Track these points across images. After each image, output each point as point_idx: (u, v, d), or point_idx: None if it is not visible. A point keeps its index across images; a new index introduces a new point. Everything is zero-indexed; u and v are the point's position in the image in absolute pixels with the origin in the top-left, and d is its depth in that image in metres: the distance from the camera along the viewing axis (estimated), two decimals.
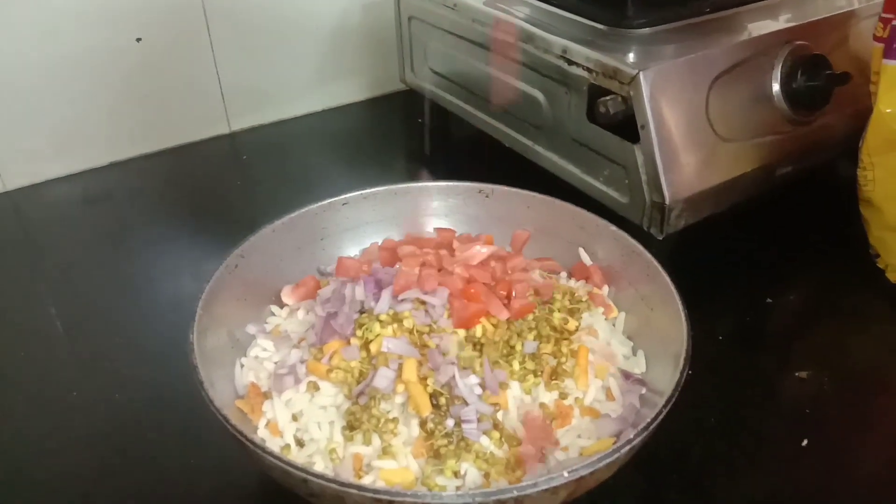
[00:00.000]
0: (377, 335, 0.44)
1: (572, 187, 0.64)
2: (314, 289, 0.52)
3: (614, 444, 0.37)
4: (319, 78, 0.90)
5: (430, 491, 0.39)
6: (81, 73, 0.76)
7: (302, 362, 0.45)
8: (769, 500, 0.44)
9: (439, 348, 0.44)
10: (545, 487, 0.35)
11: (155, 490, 0.46)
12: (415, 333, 0.45)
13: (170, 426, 0.49)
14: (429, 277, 0.47)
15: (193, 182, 0.80)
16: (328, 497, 0.36)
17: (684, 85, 0.57)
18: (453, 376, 0.42)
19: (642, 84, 0.54)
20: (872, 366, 0.54)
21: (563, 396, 0.44)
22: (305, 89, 0.90)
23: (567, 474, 0.35)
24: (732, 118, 0.59)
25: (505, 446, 0.42)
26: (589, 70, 0.59)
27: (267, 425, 0.43)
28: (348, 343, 0.45)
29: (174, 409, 0.50)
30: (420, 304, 0.46)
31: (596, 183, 0.62)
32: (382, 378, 0.42)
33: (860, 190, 0.60)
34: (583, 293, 0.51)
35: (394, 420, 0.42)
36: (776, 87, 0.60)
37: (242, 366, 0.47)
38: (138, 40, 0.77)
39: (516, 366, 0.44)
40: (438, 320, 0.46)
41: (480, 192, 0.58)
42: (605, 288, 0.53)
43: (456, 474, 0.40)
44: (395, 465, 0.40)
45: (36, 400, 0.53)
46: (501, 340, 0.45)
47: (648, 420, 0.38)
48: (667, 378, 0.42)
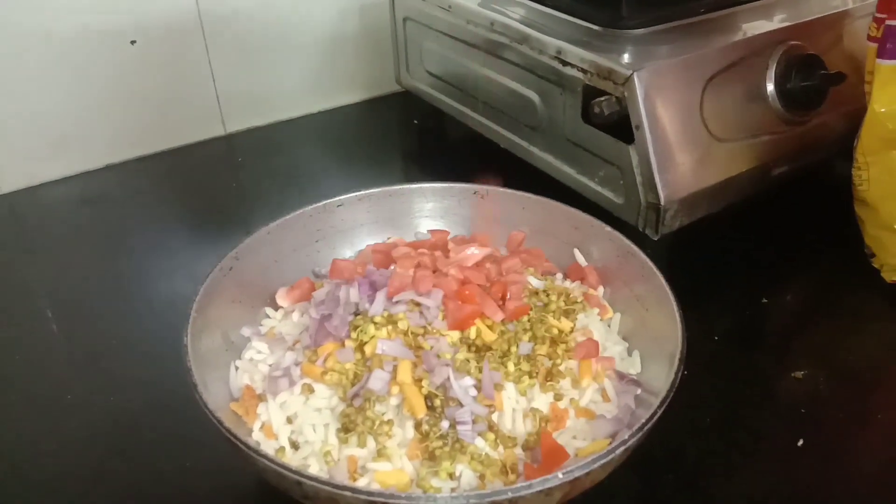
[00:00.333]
0: (372, 337, 0.44)
1: (567, 188, 0.64)
2: (309, 291, 0.52)
3: (609, 445, 0.37)
4: (315, 80, 0.90)
5: (425, 493, 0.39)
6: (77, 76, 0.76)
7: (297, 364, 0.45)
8: (765, 500, 0.44)
9: (434, 350, 0.44)
10: (540, 489, 0.35)
11: (151, 492, 0.46)
12: (409, 335, 0.45)
13: (165, 428, 0.49)
14: (423, 279, 0.47)
15: (189, 184, 0.80)
16: (323, 499, 0.36)
17: (679, 85, 0.57)
18: (448, 378, 0.42)
19: (636, 84, 0.55)
20: (868, 365, 0.54)
21: (559, 398, 0.44)
22: (301, 91, 0.90)
23: (562, 475, 0.35)
24: (727, 118, 0.59)
25: (500, 448, 0.42)
26: (583, 71, 0.59)
27: (262, 428, 0.43)
28: (343, 345, 0.45)
29: (170, 411, 0.50)
30: (415, 306, 0.46)
31: (591, 184, 0.62)
32: (377, 380, 0.42)
33: (855, 189, 0.60)
34: (578, 294, 0.51)
35: (389, 422, 0.42)
36: (771, 87, 0.61)
37: (237, 368, 0.47)
38: (133, 43, 0.77)
39: (511, 367, 0.44)
40: (433, 322, 0.46)
41: (475, 194, 0.58)
42: (601, 289, 0.53)
43: (451, 476, 0.40)
44: (390, 467, 0.40)
45: (32, 401, 0.53)
46: (497, 345, 0.45)
47: (643, 421, 0.38)
48: (662, 378, 0.42)
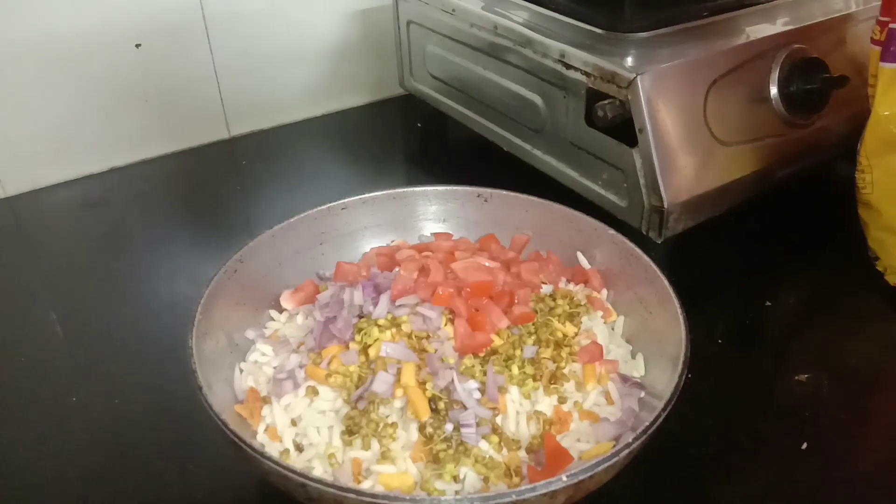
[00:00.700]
0: (376, 340, 0.45)
1: (571, 191, 0.64)
2: (313, 293, 0.52)
3: (613, 449, 0.37)
4: (318, 83, 0.90)
5: (429, 495, 0.39)
6: (81, 79, 0.76)
7: (301, 367, 0.45)
8: (768, 502, 0.44)
9: (438, 353, 0.44)
10: (544, 491, 0.35)
11: (153, 494, 0.46)
12: (413, 338, 0.45)
13: (169, 430, 0.49)
14: (425, 285, 0.47)
15: (193, 187, 0.80)
16: (327, 502, 0.36)
17: (682, 88, 0.57)
18: (452, 381, 0.42)
19: (640, 88, 0.55)
20: (872, 368, 0.54)
21: (562, 401, 0.44)
22: (305, 94, 0.90)
23: (566, 478, 0.35)
24: (730, 121, 0.59)
25: (504, 450, 0.42)
26: (587, 74, 0.59)
27: (266, 430, 0.43)
28: (347, 348, 0.45)
29: (173, 414, 0.50)
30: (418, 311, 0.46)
31: (594, 187, 0.62)
32: (381, 382, 0.43)
33: (858, 192, 0.60)
34: (581, 297, 0.51)
35: (393, 424, 0.42)
36: (774, 91, 0.61)
37: (241, 370, 0.47)
38: (138, 46, 0.78)
39: (515, 370, 0.44)
40: (436, 331, 0.46)
41: (479, 197, 0.58)
42: (604, 291, 0.53)
43: (455, 479, 0.40)
44: (394, 470, 0.40)
45: (35, 404, 0.53)
46: (501, 348, 0.45)
47: (647, 424, 0.38)
48: (665, 381, 0.42)
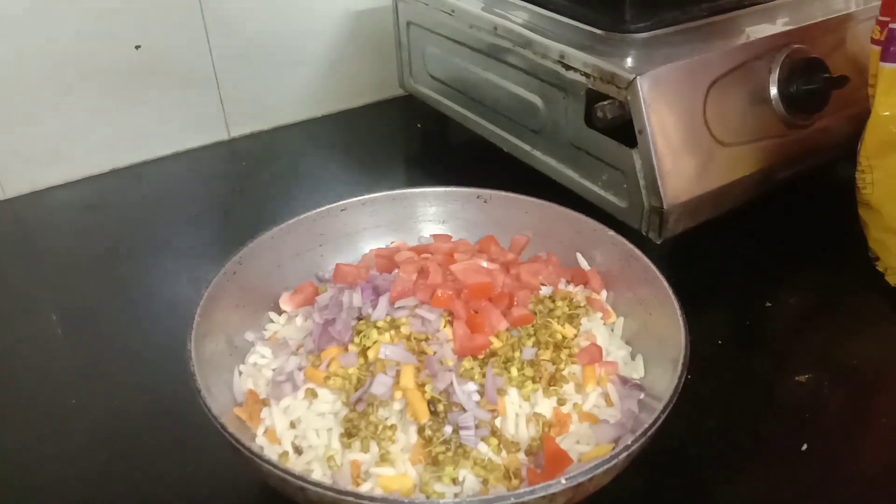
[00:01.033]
0: (375, 342, 0.45)
1: (570, 192, 0.64)
2: (312, 295, 0.52)
3: (612, 451, 0.37)
4: (318, 84, 0.90)
5: (428, 498, 0.39)
6: (81, 81, 0.76)
7: (300, 369, 0.45)
8: (768, 503, 0.44)
9: (437, 355, 0.44)
10: (543, 494, 0.35)
11: (153, 496, 0.46)
12: (412, 340, 0.45)
13: (168, 433, 0.49)
14: (425, 287, 0.47)
15: (192, 189, 0.80)
16: None
17: (682, 89, 0.57)
18: (451, 383, 0.42)
19: (639, 88, 0.54)
20: (872, 369, 0.54)
21: (562, 403, 0.44)
22: (304, 95, 0.90)
23: (565, 481, 0.35)
24: (730, 122, 0.59)
25: (503, 453, 0.41)
26: (586, 75, 0.59)
27: (265, 433, 0.43)
28: (346, 350, 0.45)
29: (173, 416, 0.50)
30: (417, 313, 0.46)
31: (594, 188, 0.62)
32: (380, 385, 0.42)
33: (859, 193, 0.60)
34: (581, 298, 0.51)
35: (392, 427, 0.42)
36: (774, 91, 0.60)
37: (241, 373, 0.47)
38: (137, 47, 0.78)
39: (514, 372, 0.44)
40: (435, 333, 0.46)
41: (479, 198, 0.58)
42: (604, 293, 0.53)
43: (454, 481, 0.40)
44: (394, 472, 0.40)
45: (34, 406, 0.53)
46: (501, 350, 0.45)
47: (647, 425, 0.38)
48: (665, 382, 0.41)
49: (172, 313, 0.59)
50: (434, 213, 0.58)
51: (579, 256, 0.55)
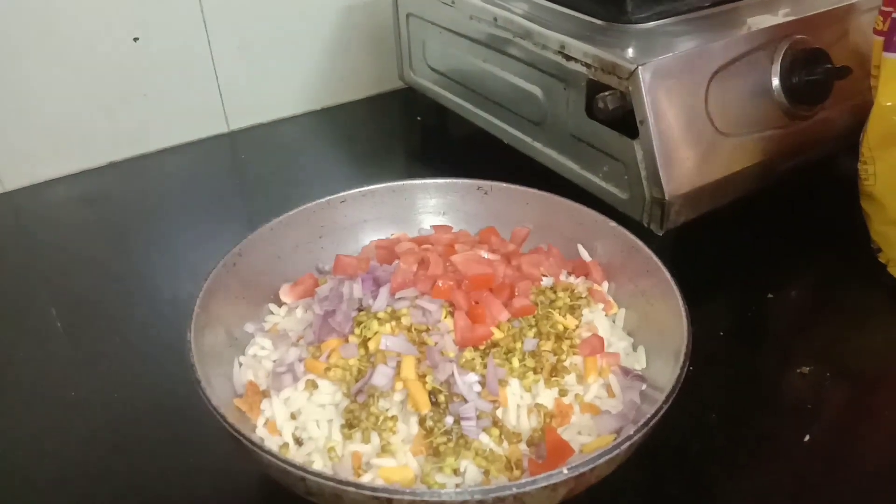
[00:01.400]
0: (375, 333, 0.44)
1: (571, 184, 0.64)
2: (313, 287, 0.52)
3: (614, 441, 0.37)
4: (318, 77, 0.90)
5: (430, 489, 0.39)
6: (79, 73, 0.76)
7: (300, 360, 0.45)
8: (770, 496, 0.44)
9: (438, 346, 0.44)
10: (545, 484, 0.35)
11: (154, 489, 0.46)
12: (413, 331, 0.45)
13: (169, 425, 0.49)
14: (425, 278, 0.47)
15: (192, 182, 0.79)
16: (326, 496, 0.36)
17: (683, 80, 0.56)
18: (452, 374, 0.42)
19: (641, 79, 0.54)
20: (874, 361, 0.54)
21: (563, 393, 0.44)
22: (304, 88, 0.90)
23: (567, 471, 0.35)
24: (732, 113, 0.58)
25: (505, 444, 0.41)
26: (587, 65, 0.59)
27: (265, 424, 0.43)
28: (346, 341, 0.45)
29: (173, 408, 0.50)
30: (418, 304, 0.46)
31: (595, 179, 0.62)
32: (381, 376, 0.42)
33: (861, 184, 0.60)
34: (582, 290, 0.51)
35: (393, 418, 0.42)
36: (776, 82, 0.60)
37: (241, 364, 0.47)
38: (136, 40, 0.77)
39: (516, 363, 0.44)
40: (436, 324, 0.45)
41: (479, 189, 0.57)
42: (605, 284, 0.53)
43: (455, 472, 0.40)
44: (395, 463, 0.40)
45: (35, 399, 0.53)
46: (502, 341, 0.45)
47: (648, 416, 0.38)
48: (667, 374, 0.41)
49: (172, 306, 0.59)
50: (434, 205, 0.58)
51: (580, 248, 0.54)
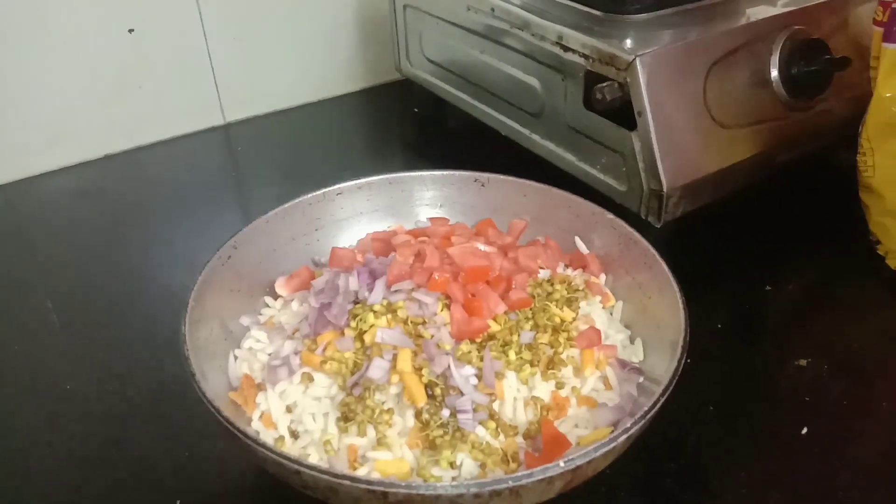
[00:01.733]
0: (371, 326, 0.44)
1: (569, 175, 0.64)
2: (308, 280, 0.51)
3: (611, 434, 0.36)
4: (314, 68, 0.90)
5: (426, 482, 0.38)
6: (74, 65, 0.75)
7: (296, 353, 0.45)
8: (768, 489, 0.44)
9: (434, 339, 0.44)
10: (541, 477, 0.34)
11: (149, 482, 0.45)
12: (409, 324, 0.44)
13: (164, 418, 0.49)
14: (421, 271, 0.46)
15: (187, 174, 0.79)
16: (321, 489, 0.35)
17: (681, 71, 0.56)
18: (449, 367, 0.42)
19: (639, 70, 0.54)
20: (872, 353, 0.54)
21: (560, 386, 0.44)
22: (300, 80, 0.89)
23: (563, 464, 0.35)
24: (730, 104, 0.58)
25: (501, 436, 0.41)
26: (585, 56, 0.58)
27: (261, 417, 0.43)
28: (342, 334, 0.45)
29: (168, 401, 0.50)
30: (414, 298, 0.46)
31: (593, 171, 0.62)
32: (377, 369, 0.42)
33: (860, 176, 0.60)
34: (580, 282, 0.51)
35: (389, 411, 0.41)
36: (774, 73, 0.60)
37: (236, 357, 0.47)
38: (131, 31, 0.77)
39: (513, 356, 0.44)
40: (432, 317, 0.45)
41: (476, 181, 0.57)
42: (603, 276, 0.52)
43: (452, 465, 0.39)
44: (391, 457, 0.40)
45: (30, 392, 0.52)
46: (499, 334, 0.45)
47: (646, 409, 0.37)
48: (664, 367, 0.41)
49: (168, 299, 0.59)
50: (431, 197, 0.58)
51: (578, 240, 0.54)
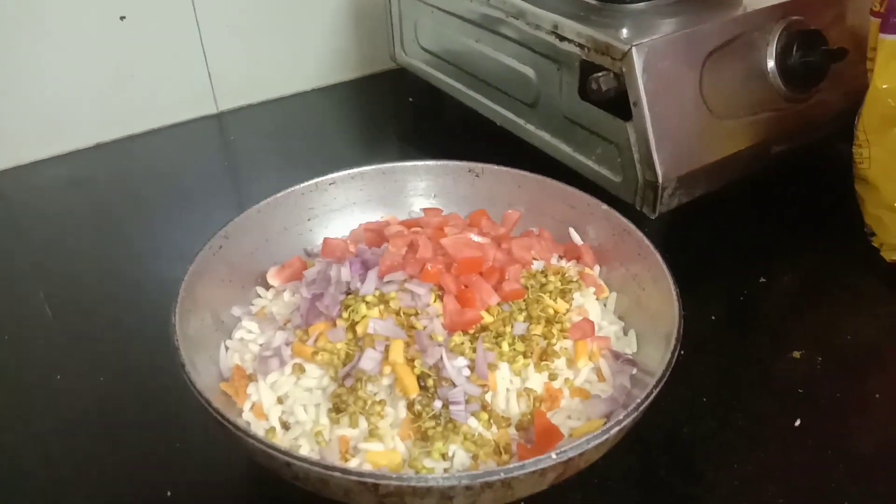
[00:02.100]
0: (363, 316, 0.44)
1: (564, 166, 0.63)
2: (300, 270, 0.51)
3: (604, 426, 0.36)
4: (308, 57, 0.89)
5: (417, 473, 0.38)
6: (65, 53, 0.74)
7: (287, 344, 0.45)
8: (761, 481, 0.44)
9: (427, 330, 0.44)
10: (533, 469, 0.34)
11: (140, 473, 0.45)
12: (402, 315, 0.44)
13: (155, 409, 0.49)
14: (414, 262, 0.46)
15: (180, 163, 0.78)
16: (312, 481, 0.35)
17: (678, 61, 0.56)
18: (441, 358, 0.42)
19: (635, 60, 0.53)
20: (867, 345, 0.54)
21: (553, 378, 0.44)
22: (294, 69, 0.89)
23: (555, 456, 0.35)
24: (726, 95, 0.58)
25: (494, 428, 0.41)
26: (580, 46, 0.58)
27: (252, 408, 0.43)
28: (334, 325, 0.45)
29: (159, 393, 0.49)
30: (407, 289, 0.46)
31: (588, 162, 0.61)
32: (369, 360, 0.42)
33: (856, 168, 0.59)
34: (574, 273, 0.51)
35: (380, 402, 0.41)
36: (771, 64, 0.59)
37: (227, 348, 0.46)
38: (122, 19, 0.76)
39: (506, 347, 0.44)
40: (425, 308, 0.45)
41: (470, 172, 0.57)
42: (597, 268, 0.52)
43: (444, 456, 0.39)
44: (382, 448, 0.40)
45: (20, 383, 0.52)
46: (492, 325, 0.44)
47: (639, 401, 0.37)
48: (658, 358, 0.41)
49: (159, 289, 0.58)
50: (425, 188, 0.57)
51: (572, 231, 0.54)
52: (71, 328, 0.57)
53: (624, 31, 0.57)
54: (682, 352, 0.40)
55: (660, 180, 0.55)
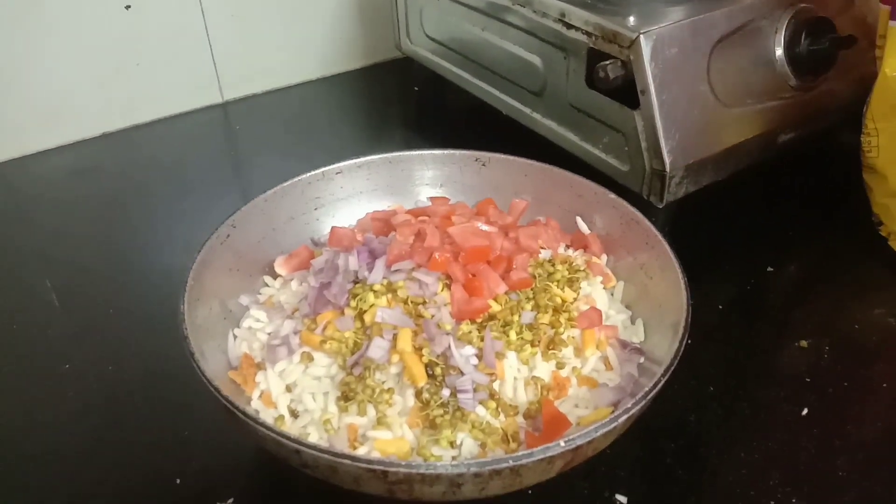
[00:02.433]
0: (371, 305, 0.44)
1: (571, 155, 0.63)
2: (308, 259, 0.51)
3: (612, 414, 0.36)
4: (313, 46, 0.89)
5: (426, 461, 0.38)
6: (70, 42, 0.74)
7: (295, 333, 0.45)
8: (768, 469, 0.44)
9: (435, 319, 0.44)
10: (541, 457, 0.34)
11: (148, 462, 0.45)
12: (409, 304, 0.44)
13: (163, 398, 0.49)
14: (422, 250, 0.46)
15: (185, 152, 0.78)
16: (321, 468, 0.35)
17: (685, 49, 0.55)
18: (449, 346, 0.42)
19: (642, 47, 0.53)
20: (873, 334, 0.54)
21: (561, 366, 0.44)
22: (299, 58, 0.88)
23: (563, 444, 0.35)
24: (734, 83, 0.57)
25: (501, 416, 0.41)
26: (588, 34, 0.57)
27: (261, 396, 0.43)
28: (342, 313, 0.45)
29: (167, 381, 0.49)
30: (415, 278, 0.46)
31: (595, 150, 0.61)
32: (377, 348, 0.42)
33: (864, 156, 0.59)
34: (581, 262, 0.50)
35: (389, 390, 0.41)
36: (779, 51, 0.59)
37: (235, 337, 0.46)
38: (127, 7, 0.76)
39: (513, 336, 0.44)
40: (433, 297, 0.45)
41: (477, 161, 0.56)
42: (604, 257, 0.52)
43: (452, 444, 0.39)
44: (391, 436, 0.40)
45: (28, 372, 0.52)
46: (500, 314, 0.44)
47: (646, 389, 0.37)
48: (665, 347, 0.41)
49: (166, 278, 0.58)
50: (431, 177, 0.57)
51: (579, 220, 0.54)
52: (78, 317, 0.57)
53: (631, 19, 0.56)
54: (689, 340, 0.40)
55: (667, 169, 0.55)
